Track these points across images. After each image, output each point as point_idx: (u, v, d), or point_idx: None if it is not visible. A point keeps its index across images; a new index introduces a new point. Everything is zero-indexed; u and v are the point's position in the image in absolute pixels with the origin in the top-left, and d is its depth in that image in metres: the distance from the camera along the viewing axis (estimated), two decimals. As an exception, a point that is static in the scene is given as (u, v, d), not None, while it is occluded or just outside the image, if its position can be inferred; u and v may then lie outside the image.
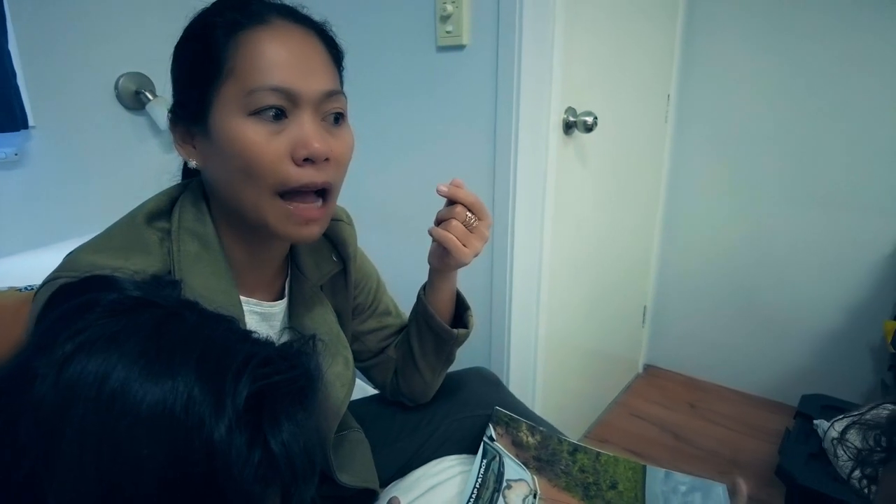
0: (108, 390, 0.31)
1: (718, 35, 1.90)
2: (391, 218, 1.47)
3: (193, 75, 0.62)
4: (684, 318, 2.21)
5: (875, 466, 0.54)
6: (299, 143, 0.60)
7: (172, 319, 0.36)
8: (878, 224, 1.75)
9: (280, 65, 0.60)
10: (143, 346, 0.33)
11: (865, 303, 1.82)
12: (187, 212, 0.66)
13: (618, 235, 1.85)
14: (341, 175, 0.66)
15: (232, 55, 0.59)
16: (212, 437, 0.32)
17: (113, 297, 0.36)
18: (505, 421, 0.91)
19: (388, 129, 1.43)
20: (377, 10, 1.35)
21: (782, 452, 1.30)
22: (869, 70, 1.67)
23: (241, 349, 0.35)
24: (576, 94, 1.38)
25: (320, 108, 0.62)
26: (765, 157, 1.91)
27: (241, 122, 0.59)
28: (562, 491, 0.84)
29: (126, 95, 1.45)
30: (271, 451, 0.33)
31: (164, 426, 0.32)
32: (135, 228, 0.64)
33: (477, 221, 0.78)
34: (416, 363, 0.88)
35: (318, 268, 0.78)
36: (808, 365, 1.97)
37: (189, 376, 0.32)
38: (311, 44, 0.63)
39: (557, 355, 1.59)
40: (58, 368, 0.32)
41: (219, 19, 0.61)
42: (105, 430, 0.31)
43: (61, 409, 0.31)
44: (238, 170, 0.60)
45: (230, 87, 0.59)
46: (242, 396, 0.33)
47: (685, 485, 0.85)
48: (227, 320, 0.39)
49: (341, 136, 0.65)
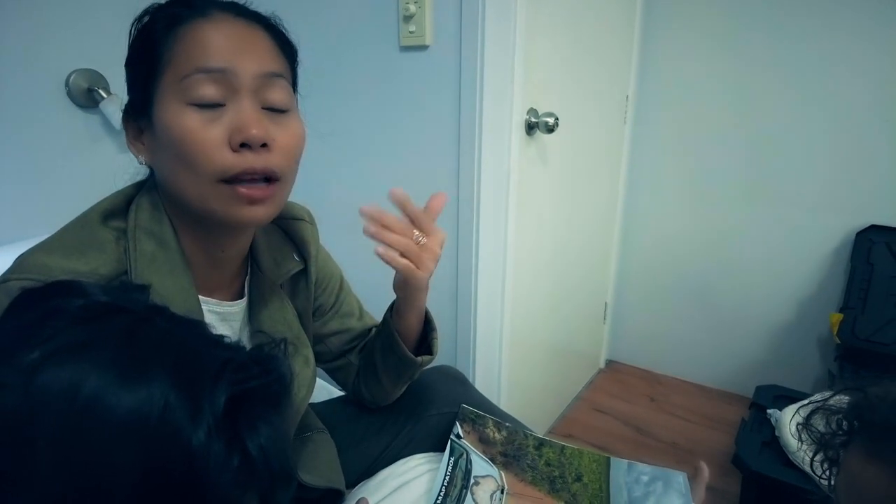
0: (81, 399, 0.31)
1: (675, 37, 1.96)
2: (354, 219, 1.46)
3: (137, 71, 0.63)
4: (643, 314, 2.27)
5: (836, 449, 0.57)
6: (235, 128, 0.58)
7: (143, 325, 0.35)
8: (825, 221, 1.83)
9: (214, 48, 0.59)
10: (115, 354, 0.33)
11: (813, 296, 1.90)
12: (143, 211, 0.64)
13: (578, 234, 1.89)
14: (288, 164, 0.64)
15: (170, 47, 0.59)
16: (190, 443, 0.31)
17: (80, 304, 0.35)
18: (471, 418, 0.92)
19: (352, 129, 1.42)
20: (339, 9, 1.34)
21: (738, 442, 1.35)
22: (822, 72, 1.74)
23: (215, 354, 0.35)
24: (537, 95, 1.40)
25: (260, 94, 0.61)
26: (719, 157, 1.97)
27: (177, 111, 0.58)
28: (528, 485, 0.86)
29: (78, 93, 1.40)
30: (249, 455, 0.33)
31: (141, 434, 0.31)
32: (88, 228, 0.62)
33: (424, 239, 0.75)
34: (379, 377, 0.88)
35: (277, 266, 0.77)
36: (761, 357, 2.05)
37: (164, 383, 0.32)
38: (252, 32, 0.62)
39: (521, 352, 1.61)
40: (26, 377, 0.31)
41: (159, 14, 0.62)
42: (79, 439, 0.30)
43: (32, 419, 0.30)
44: (177, 158, 0.59)
45: (168, 78, 0.59)
46: (220, 402, 0.33)
47: (647, 474, 0.88)
48: (196, 324, 0.38)
49: (286, 124, 0.63)
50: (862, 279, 1.68)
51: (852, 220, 1.78)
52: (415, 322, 0.84)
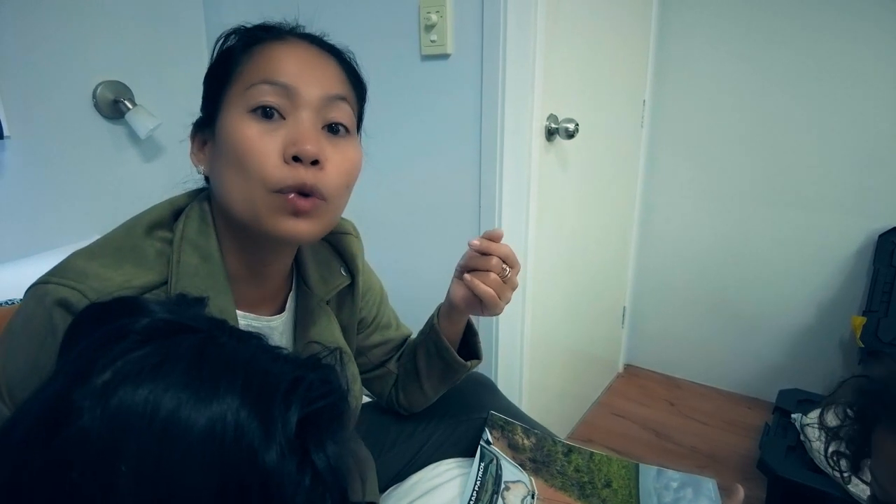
0: (159, 421, 0.31)
1: (690, 41, 1.96)
2: (376, 226, 1.47)
3: (211, 86, 0.65)
4: (661, 319, 2.26)
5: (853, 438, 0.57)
6: (290, 141, 0.59)
7: (211, 343, 0.36)
8: (846, 223, 1.82)
9: (284, 66, 0.61)
10: (186, 374, 0.33)
11: (834, 299, 1.89)
12: (192, 222, 0.65)
13: (596, 238, 1.89)
14: (338, 188, 0.63)
15: (243, 63, 0.62)
16: (264, 463, 0.32)
17: (145, 323, 0.36)
18: (500, 424, 0.92)
19: (374, 138, 1.43)
20: (361, 19, 1.36)
21: (762, 446, 1.34)
22: (838, 75, 1.74)
23: (282, 372, 0.35)
24: (556, 101, 1.41)
25: (321, 112, 0.62)
26: (737, 159, 1.97)
27: (239, 119, 0.60)
28: (558, 491, 0.86)
29: (104, 104, 1.43)
30: (319, 473, 0.34)
31: (217, 454, 0.32)
32: (132, 238, 0.63)
33: (510, 272, 0.78)
34: (421, 384, 0.89)
35: (325, 283, 0.77)
36: (781, 361, 2.03)
37: (234, 402, 0.32)
38: (324, 60, 0.65)
39: (541, 357, 1.61)
40: (101, 399, 0.31)
41: (241, 35, 0.65)
42: (160, 460, 0.31)
43: (113, 442, 0.31)
44: (232, 165, 0.60)
45: (235, 88, 0.62)
46: (293, 422, 0.33)
47: (676, 481, 0.88)
48: (256, 338, 0.39)
49: (342, 147, 0.63)
50: (885, 282, 1.67)
51: (874, 222, 1.77)
52: (461, 330, 0.87)
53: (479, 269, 0.77)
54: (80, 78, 1.39)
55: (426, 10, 1.24)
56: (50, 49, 1.32)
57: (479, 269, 0.77)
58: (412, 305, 1.02)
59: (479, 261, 0.77)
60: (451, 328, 0.85)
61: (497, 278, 0.76)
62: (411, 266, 1.46)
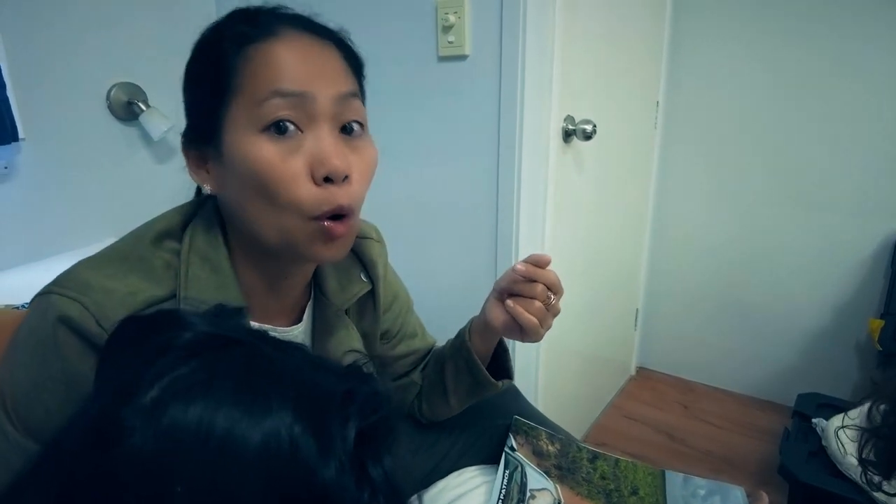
0: (214, 439, 0.30)
1: (703, 42, 1.94)
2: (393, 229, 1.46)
3: (203, 95, 0.60)
4: (674, 321, 2.25)
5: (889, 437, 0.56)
6: (317, 161, 0.56)
7: (257, 356, 0.35)
8: (862, 225, 1.80)
9: (290, 70, 0.56)
10: (237, 391, 0.32)
11: (850, 302, 1.87)
12: (199, 235, 0.62)
13: (610, 241, 1.88)
14: (364, 192, 0.61)
15: (241, 69, 0.56)
16: (323, 479, 0.31)
17: (188, 337, 0.35)
18: (524, 430, 0.91)
19: (391, 139, 1.43)
20: (378, 21, 1.35)
21: (783, 451, 1.33)
22: (852, 76, 1.73)
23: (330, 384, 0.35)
24: (573, 102, 1.40)
25: (337, 116, 0.58)
26: (750, 161, 1.95)
27: (253, 140, 0.55)
28: (584, 499, 0.85)
29: (118, 106, 1.42)
30: (378, 488, 0.33)
31: (273, 469, 0.31)
32: (139, 248, 0.61)
33: (554, 298, 0.74)
34: (448, 398, 0.86)
35: (343, 291, 0.75)
36: (795, 364, 2.02)
37: (288, 417, 0.32)
38: (324, 51, 0.59)
39: (556, 360, 1.60)
40: (151, 419, 0.30)
41: (226, 33, 0.58)
42: (217, 480, 0.30)
43: (165, 460, 0.30)
44: (256, 191, 0.56)
45: (240, 103, 0.56)
46: (351, 437, 0.32)
47: (703, 488, 0.86)
48: (299, 349, 0.38)
49: (362, 150, 0.61)
50: (903, 285, 1.65)
51: (891, 224, 1.75)
52: (493, 347, 0.84)
53: (522, 294, 0.73)
54: (94, 80, 1.39)
55: (444, 10, 1.23)
56: (64, 52, 1.32)
57: (523, 294, 0.73)
58: (429, 309, 1.01)
59: (524, 287, 0.73)
60: (483, 346, 0.82)
61: (541, 306, 0.72)
62: (429, 269, 1.45)
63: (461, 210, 1.37)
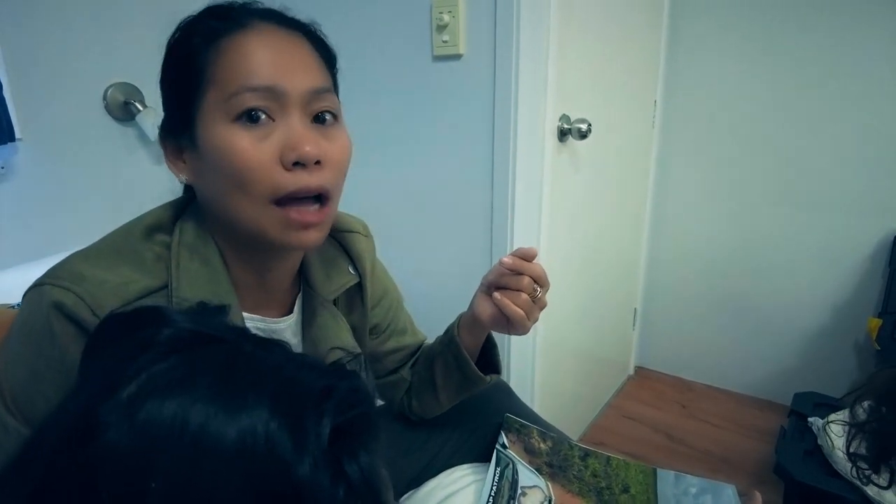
0: (189, 434, 0.30)
1: (701, 41, 1.94)
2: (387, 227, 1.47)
3: (177, 88, 0.61)
4: (673, 320, 2.24)
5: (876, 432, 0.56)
6: (288, 146, 0.57)
7: (236, 354, 0.35)
8: (860, 224, 1.80)
9: (261, 65, 0.57)
10: (214, 387, 0.32)
11: (849, 301, 1.86)
12: (189, 229, 0.63)
13: (608, 239, 1.88)
14: (338, 179, 0.63)
15: (212, 63, 0.58)
16: (297, 476, 0.31)
17: (169, 333, 0.35)
18: (516, 428, 0.91)
19: (385, 138, 1.43)
20: (372, 20, 1.35)
21: (779, 451, 1.33)
22: (848, 73, 1.72)
23: (309, 381, 0.35)
24: (568, 101, 1.39)
25: (309, 107, 0.59)
26: (748, 160, 1.95)
27: (225, 130, 0.57)
28: (576, 496, 0.85)
29: (115, 106, 1.43)
30: (353, 485, 0.33)
31: (249, 465, 0.31)
32: (129, 241, 0.62)
33: (540, 291, 0.76)
34: (437, 394, 0.87)
35: (329, 281, 0.75)
36: (794, 363, 2.01)
37: (264, 414, 0.32)
38: (296, 44, 0.61)
39: (553, 360, 1.60)
40: (128, 414, 0.31)
41: (197, 28, 0.60)
42: (191, 476, 0.30)
43: (142, 458, 0.30)
44: (228, 180, 0.57)
45: (212, 95, 0.57)
46: (326, 434, 0.32)
47: (695, 486, 0.86)
48: (280, 346, 0.38)
49: (335, 137, 0.62)
50: (901, 283, 1.64)
51: (889, 223, 1.75)
52: (482, 342, 0.85)
53: (509, 287, 0.74)
54: (91, 80, 1.39)
55: (438, 10, 1.23)
56: (60, 51, 1.32)
57: (510, 287, 0.74)
58: (423, 306, 1.02)
59: (511, 279, 0.74)
60: (472, 341, 0.83)
61: (528, 299, 0.74)
62: (423, 267, 1.45)
63: (456, 210, 1.37)
